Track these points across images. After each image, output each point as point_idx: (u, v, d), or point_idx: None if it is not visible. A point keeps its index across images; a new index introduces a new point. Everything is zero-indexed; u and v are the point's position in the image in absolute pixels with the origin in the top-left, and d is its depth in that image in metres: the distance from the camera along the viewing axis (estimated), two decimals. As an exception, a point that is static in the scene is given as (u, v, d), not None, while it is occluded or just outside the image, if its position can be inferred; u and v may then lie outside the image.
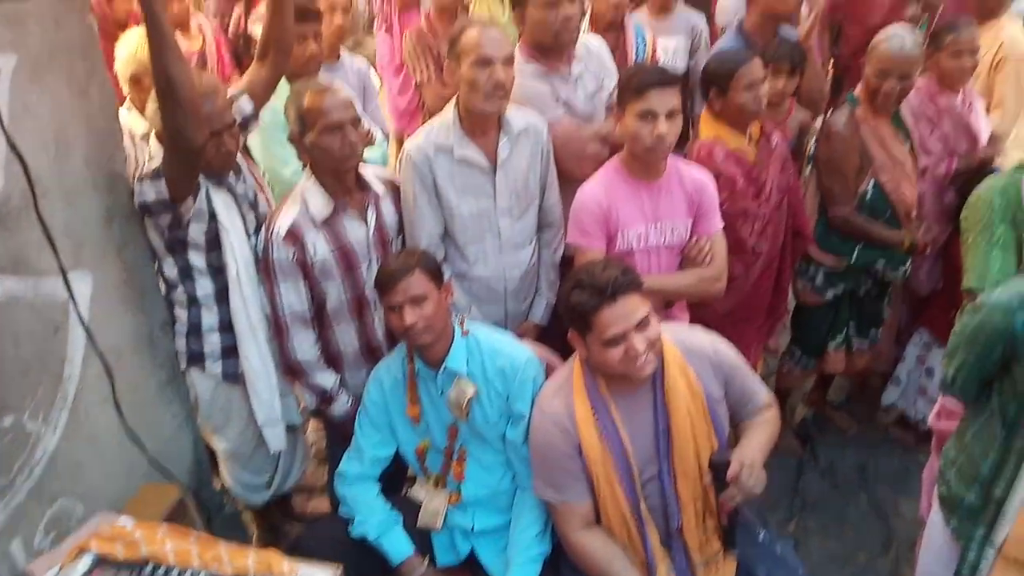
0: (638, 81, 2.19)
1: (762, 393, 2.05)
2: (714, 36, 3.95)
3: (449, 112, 2.37)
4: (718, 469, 1.80)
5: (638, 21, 3.92)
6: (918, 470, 2.55)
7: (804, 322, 3.18)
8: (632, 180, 2.33)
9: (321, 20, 3.01)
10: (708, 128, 2.70)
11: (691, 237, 2.42)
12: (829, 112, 3.08)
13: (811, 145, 3.02)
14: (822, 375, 3.42)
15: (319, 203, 2.24)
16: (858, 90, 2.85)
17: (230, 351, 2.32)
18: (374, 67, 5.49)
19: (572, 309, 1.85)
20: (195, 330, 2.31)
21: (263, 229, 2.28)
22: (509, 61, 2.25)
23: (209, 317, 2.30)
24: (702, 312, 2.67)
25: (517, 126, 2.39)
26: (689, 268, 2.42)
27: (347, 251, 2.29)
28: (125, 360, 2.15)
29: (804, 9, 3.33)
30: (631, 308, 1.79)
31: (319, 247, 2.24)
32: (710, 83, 2.64)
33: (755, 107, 2.59)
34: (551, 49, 2.58)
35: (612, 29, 3.35)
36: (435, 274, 2.12)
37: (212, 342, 2.32)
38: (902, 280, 3.01)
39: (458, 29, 2.30)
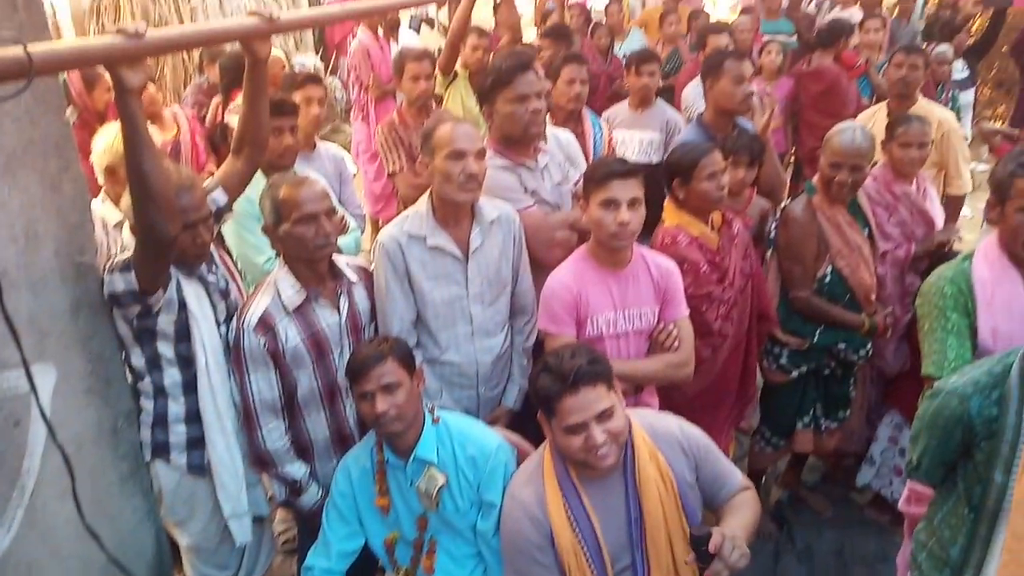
0: (601, 172, 2.28)
1: (736, 475, 2.05)
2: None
3: (423, 203, 2.44)
4: (699, 544, 1.76)
5: (618, 114, 4.14)
6: (895, 552, 2.53)
7: (772, 402, 3.21)
8: (600, 268, 2.39)
9: (297, 113, 3.09)
10: (672, 216, 2.80)
11: (659, 323, 2.46)
12: (789, 199, 3.20)
13: (772, 230, 3.12)
14: (795, 456, 3.42)
15: (291, 291, 2.25)
16: (815, 179, 2.97)
17: (196, 442, 2.29)
18: (350, 152, 5.65)
19: (537, 392, 1.87)
20: (161, 420, 2.28)
21: (235, 318, 2.29)
22: (481, 154, 2.34)
23: (176, 407, 2.28)
24: (672, 397, 2.69)
25: (489, 216, 2.46)
26: (658, 353, 2.45)
27: (319, 339, 2.29)
28: (86, 452, 2.10)
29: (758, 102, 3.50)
30: (593, 398, 1.80)
31: (291, 335, 2.24)
32: (673, 173, 2.75)
33: (717, 195, 2.70)
34: (519, 142, 2.68)
35: (571, 120, 3.52)
36: (408, 362, 2.12)
37: (178, 433, 2.29)
38: (865, 361, 3.06)
39: (432, 124, 2.39)
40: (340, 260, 2.41)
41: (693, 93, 4.48)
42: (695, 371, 2.55)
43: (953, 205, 3.83)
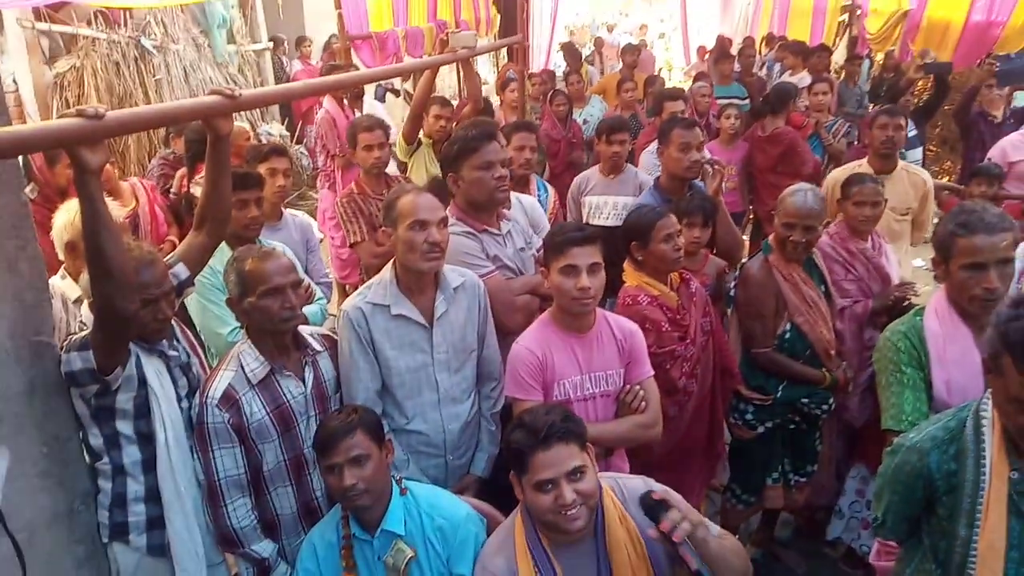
0: (560, 239, 2.33)
1: (714, 528, 2.02)
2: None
3: (387, 272, 2.46)
4: (652, 510, 1.76)
5: (590, 180, 4.26)
6: (869, 606, 2.52)
7: (740, 459, 3.23)
8: (564, 332, 2.41)
9: (263, 186, 3.12)
10: (632, 277, 2.86)
11: (625, 384, 2.48)
12: (748, 257, 3.28)
13: (731, 288, 3.19)
14: (767, 512, 3.42)
15: (255, 364, 2.24)
16: (771, 238, 3.05)
17: (156, 522, 2.22)
18: (317, 219, 5.67)
19: (510, 448, 1.86)
20: (120, 501, 2.21)
21: (198, 393, 2.26)
22: (443, 223, 2.38)
23: (135, 486, 2.21)
24: (641, 456, 2.69)
25: (454, 282, 2.48)
26: (625, 415, 2.46)
27: (284, 412, 2.27)
28: (40, 538, 2.02)
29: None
30: (565, 455, 1.80)
31: (255, 409, 2.22)
32: (631, 236, 2.82)
33: (674, 256, 2.78)
34: (484, 208, 2.74)
35: (519, 185, 3.64)
36: (376, 433, 2.10)
37: (137, 513, 2.22)
38: (828, 415, 3.10)
39: (394, 195, 2.43)
40: (304, 330, 2.41)
41: (649, 158, 4.62)
42: (664, 429, 2.56)
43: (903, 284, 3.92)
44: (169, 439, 2.17)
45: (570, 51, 10.76)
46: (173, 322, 2.31)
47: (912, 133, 5.76)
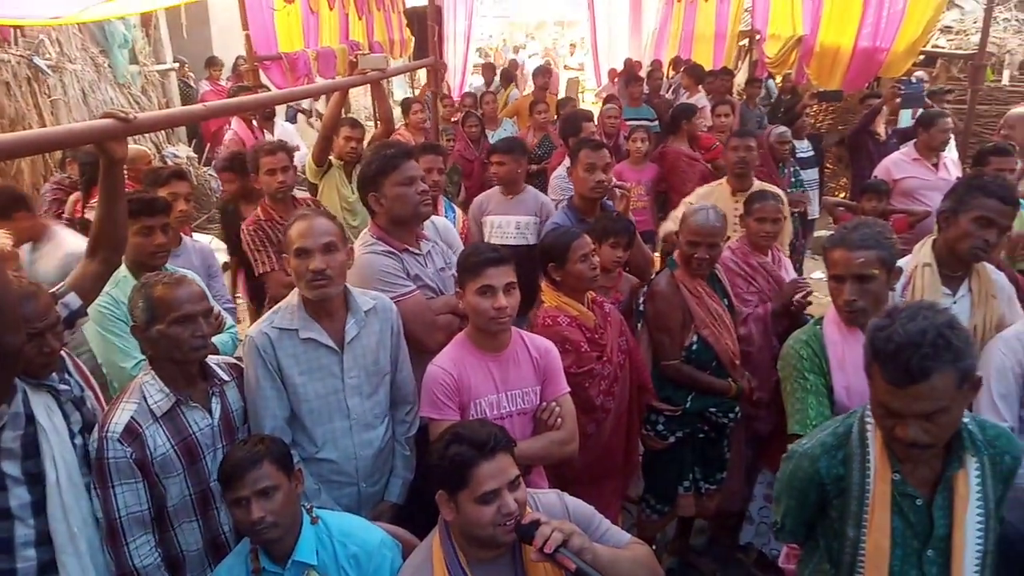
0: (474, 260, 2.35)
1: (625, 537, 2.04)
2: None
3: (294, 296, 2.42)
4: (525, 532, 1.74)
5: (491, 200, 4.28)
6: (780, 608, 2.60)
7: (653, 469, 3.29)
8: (480, 352, 2.42)
9: (170, 211, 3.01)
10: (550, 298, 2.90)
11: (541, 402, 2.50)
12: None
13: (641, 304, 3.26)
14: (682, 521, 3.50)
15: (158, 396, 2.16)
16: (676, 255, 3.15)
17: (48, 567, 2.08)
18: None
19: (449, 462, 1.79)
20: (6, 547, 2.07)
21: (96, 428, 2.15)
22: (330, 248, 2.33)
23: (24, 530, 2.07)
24: (561, 472, 2.71)
25: (364, 305, 2.45)
26: (542, 433, 2.48)
27: (190, 444, 2.19)
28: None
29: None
30: (506, 465, 1.79)
31: (159, 442, 2.13)
32: (548, 257, 2.87)
33: (591, 275, 2.84)
34: (408, 223, 2.74)
35: None
36: (285, 463, 2.05)
37: (27, 558, 2.08)
38: (735, 423, 3.20)
39: (289, 222, 2.40)
40: (211, 359, 2.35)
41: (558, 180, 4.70)
42: (581, 446, 2.59)
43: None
44: (61, 478, 2.05)
45: (491, 70, 10.91)
46: (64, 354, 2.20)
47: (809, 154, 6.07)
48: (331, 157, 4.60)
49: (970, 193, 2.57)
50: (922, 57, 7.80)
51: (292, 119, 8.62)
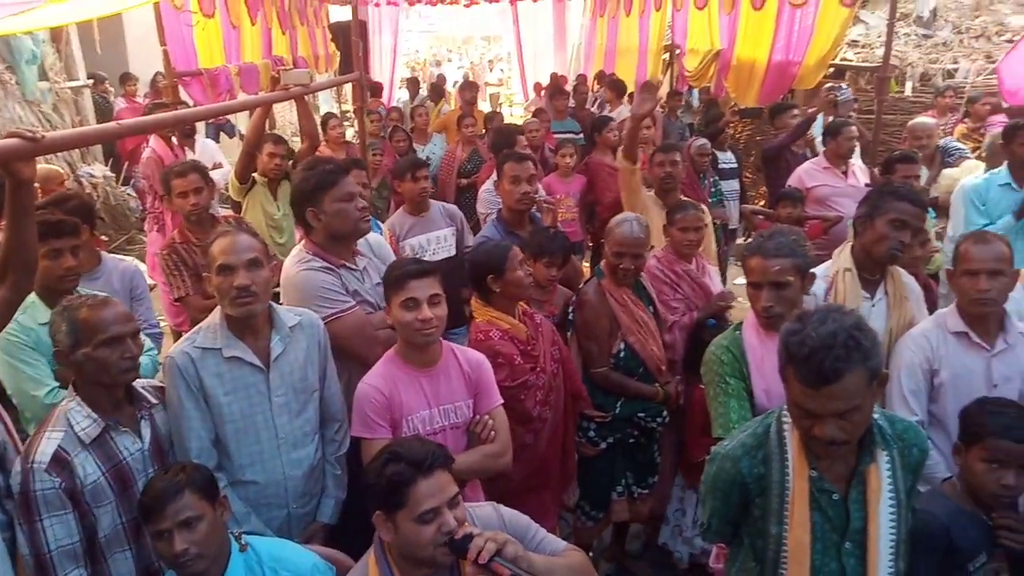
0: (398, 274, 2.36)
1: (561, 544, 2.05)
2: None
3: (216, 314, 2.37)
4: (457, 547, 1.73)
5: (403, 223, 4.25)
6: (714, 609, 2.66)
7: (586, 476, 3.33)
8: (410, 367, 2.42)
9: (79, 233, 2.90)
10: (481, 313, 2.92)
11: (474, 415, 2.50)
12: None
13: (570, 314, 3.32)
14: (617, 527, 3.55)
15: (86, 422, 2.10)
16: (603, 264, 3.22)
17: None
18: (146, 263, 5.34)
19: (387, 482, 1.76)
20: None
21: (19, 460, 2.05)
22: (254, 264, 2.30)
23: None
24: (499, 484, 2.72)
25: (289, 321, 2.42)
26: (475, 446, 2.48)
27: (121, 470, 2.12)
28: None
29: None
30: (445, 482, 1.77)
31: (89, 470, 2.06)
32: (486, 270, 2.87)
33: (528, 281, 2.90)
34: (346, 239, 2.73)
35: None
36: (208, 490, 1.99)
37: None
38: (664, 427, 3.27)
39: (210, 240, 2.36)
40: (137, 382, 2.28)
41: (486, 194, 4.73)
42: (519, 457, 2.60)
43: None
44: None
45: (415, 84, 10.90)
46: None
47: (732, 165, 6.27)
48: (255, 174, 4.52)
49: (883, 198, 2.72)
50: (832, 70, 8.16)
51: (215, 137, 8.41)
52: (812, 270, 2.53)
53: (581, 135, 7.53)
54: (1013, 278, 2.53)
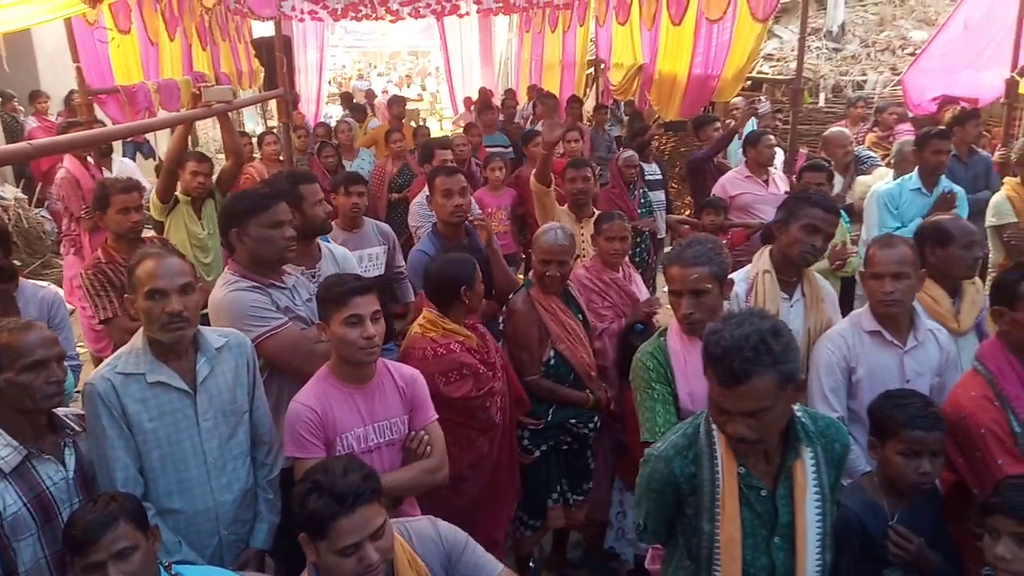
0: (340, 290, 2.32)
1: (498, 567, 2.05)
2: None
3: (138, 338, 2.29)
4: None
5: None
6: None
7: (522, 484, 3.30)
8: (344, 385, 2.39)
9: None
10: (433, 327, 2.88)
11: (409, 431, 2.48)
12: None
13: (501, 323, 3.38)
14: (557, 535, 3.57)
15: (5, 452, 2.02)
16: (531, 274, 3.27)
17: None
18: (63, 288, 5.11)
19: (308, 515, 1.75)
20: None
21: None
22: (186, 289, 2.25)
23: None
24: (451, 501, 2.72)
25: (215, 343, 2.36)
26: (412, 462, 2.46)
27: (44, 501, 2.05)
28: None
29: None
30: (369, 517, 1.75)
31: (9, 501, 1.98)
32: (458, 283, 2.86)
33: (480, 300, 2.93)
34: (269, 266, 2.68)
35: None
36: (141, 520, 1.93)
37: None
38: (596, 433, 3.31)
39: (135, 260, 2.28)
40: (59, 410, 2.21)
41: (417, 208, 4.73)
42: (479, 467, 2.59)
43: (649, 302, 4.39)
44: None
45: (348, 99, 10.81)
46: None
47: (657, 176, 6.43)
48: (177, 193, 4.40)
49: (798, 204, 2.84)
50: (749, 83, 8.48)
51: (132, 156, 8.16)
52: (732, 275, 2.61)
53: (510, 148, 7.61)
54: (921, 279, 2.67)
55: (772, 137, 5.39)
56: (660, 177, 6.43)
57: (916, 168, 4.64)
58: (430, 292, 2.94)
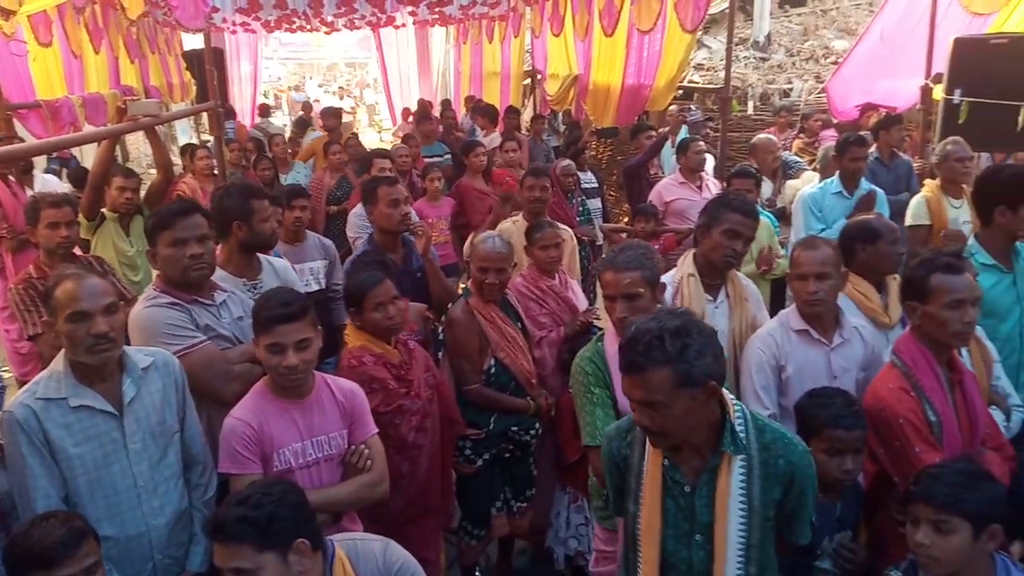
0: (265, 316, 2.28)
1: None
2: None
3: (59, 361, 2.22)
4: None
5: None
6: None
7: (465, 494, 3.34)
8: (281, 399, 2.35)
9: None
10: (354, 338, 2.88)
11: (349, 445, 2.46)
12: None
13: (441, 333, 3.36)
14: (502, 543, 3.57)
15: None
16: (469, 283, 3.28)
17: None
18: None
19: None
20: None
21: None
22: (110, 309, 2.18)
23: None
24: (379, 514, 2.68)
25: (141, 362, 2.30)
26: (351, 477, 2.44)
27: None
28: None
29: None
30: (228, 555, 1.73)
31: None
32: (347, 302, 2.86)
33: (386, 324, 2.82)
34: (180, 285, 2.61)
35: None
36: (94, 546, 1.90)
37: None
38: (538, 440, 3.34)
39: (52, 282, 2.21)
40: None
41: (355, 219, 4.69)
42: (398, 486, 2.57)
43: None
44: None
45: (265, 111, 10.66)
46: None
47: (592, 185, 6.52)
48: (104, 210, 4.27)
49: (719, 210, 2.91)
50: (681, 92, 8.68)
51: (56, 172, 7.88)
52: (662, 279, 2.67)
53: (447, 156, 7.62)
54: (844, 278, 2.78)
55: (702, 143, 5.54)
56: (596, 185, 6.51)
57: (837, 172, 4.83)
58: (345, 304, 2.92)
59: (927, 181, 4.74)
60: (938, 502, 1.95)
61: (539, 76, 10.37)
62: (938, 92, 5.20)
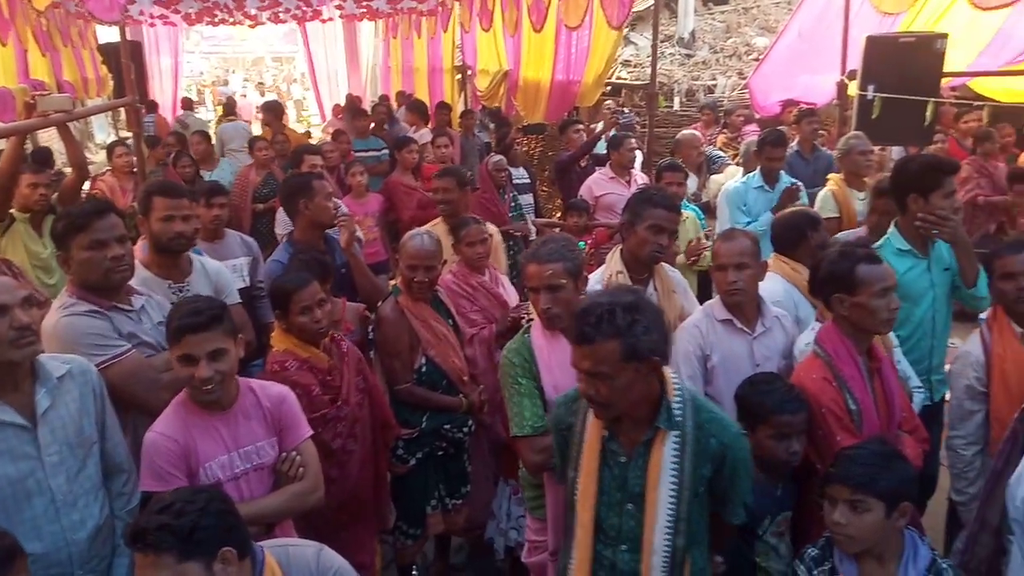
0: (175, 325, 2.19)
1: None
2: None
3: None
4: None
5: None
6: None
7: (399, 494, 3.30)
8: (204, 411, 2.27)
9: None
10: (280, 341, 2.81)
11: (279, 453, 2.39)
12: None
13: (371, 332, 3.33)
14: (439, 541, 3.57)
15: None
16: (399, 281, 3.26)
17: None
18: None
19: None
20: None
21: None
22: (29, 301, 2.11)
23: None
24: (311, 518, 2.62)
25: (56, 371, 2.19)
26: (283, 486, 2.37)
27: None
28: None
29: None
30: (147, 564, 1.65)
31: None
32: (274, 304, 2.80)
33: (314, 328, 2.76)
34: (100, 290, 2.51)
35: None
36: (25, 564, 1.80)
37: None
38: (471, 437, 3.34)
39: None
40: None
41: (283, 215, 4.60)
42: (328, 492, 2.51)
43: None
44: None
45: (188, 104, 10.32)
46: None
47: (524, 180, 6.56)
48: (13, 211, 4.06)
49: (642, 206, 2.95)
50: (609, 88, 8.80)
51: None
52: (588, 276, 2.71)
53: (385, 150, 7.54)
54: (762, 268, 2.87)
55: (633, 140, 5.64)
56: (528, 181, 6.56)
57: (759, 167, 5.00)
58: (271, 305, 2.86)
59: (831, 175, 4.92)
60: (854, 482, 2.06)
61: (469, 71, 10.34)
62: (853, 88, 5.39)
